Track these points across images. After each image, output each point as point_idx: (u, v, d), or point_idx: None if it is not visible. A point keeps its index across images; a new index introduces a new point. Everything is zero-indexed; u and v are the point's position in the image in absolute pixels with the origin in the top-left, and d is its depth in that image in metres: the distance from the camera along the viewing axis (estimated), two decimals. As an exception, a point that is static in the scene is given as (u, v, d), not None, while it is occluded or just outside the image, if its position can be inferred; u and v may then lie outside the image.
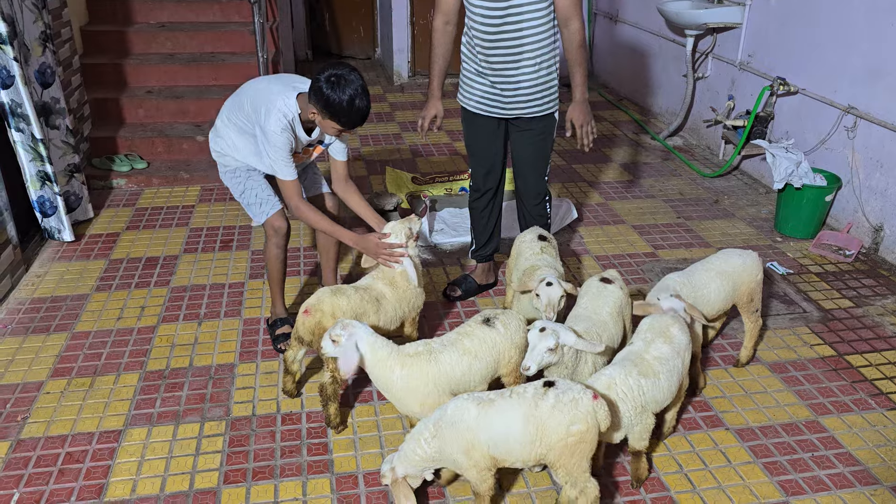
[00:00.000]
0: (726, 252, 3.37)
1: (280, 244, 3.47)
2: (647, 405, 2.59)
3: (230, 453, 2.89)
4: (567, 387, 2.37)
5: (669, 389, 2.67)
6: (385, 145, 6.42)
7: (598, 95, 7.95)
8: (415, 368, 2.64)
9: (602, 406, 2.35)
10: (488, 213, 3.86)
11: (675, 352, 2.69)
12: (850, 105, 4.61)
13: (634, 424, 2.58)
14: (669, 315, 2.79)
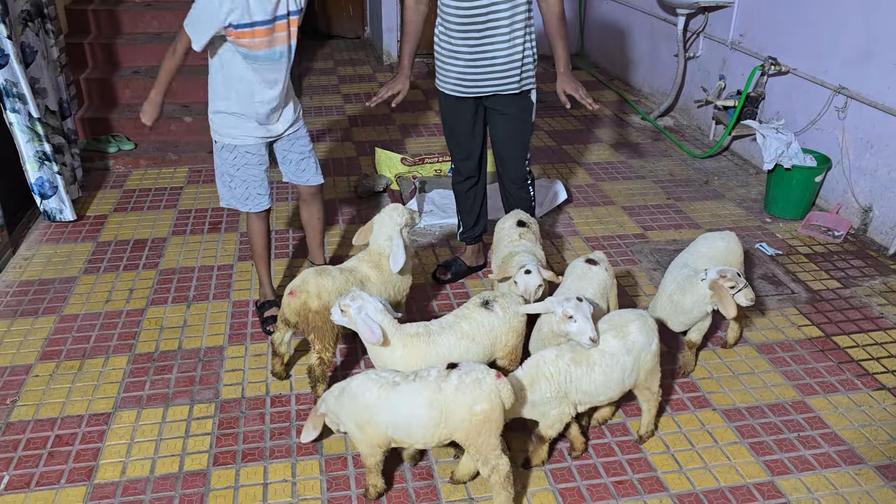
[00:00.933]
0: (708, 237, 3.37)
1: (262, 216, 3.47)
2: (571, 394, 2.55)
3: (219, 435, 2.89)
4: (470, 367, 2.38)
5: (605, 384, 2.59)
6: (374, 126, 6.38)
7: (589, 75, 7.92)
8: (414, 349, 2.64)
9: (505, 385, 2.35)
10: (473, 196, 3.85)
11: (625, 349, 2.60)
12: (841, 85, 4.60)
13: (551, 408, 2.55)
14: (634, 314, 2.72)
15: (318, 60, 8.60)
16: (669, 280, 3.15)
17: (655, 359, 2.71)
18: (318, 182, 3.59)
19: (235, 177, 3.35)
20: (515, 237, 3.36)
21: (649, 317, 2.74)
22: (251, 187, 3.38)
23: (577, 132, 6.26)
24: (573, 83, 3.40)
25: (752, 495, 2.65)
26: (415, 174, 5.06)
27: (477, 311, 2.79)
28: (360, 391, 2.41)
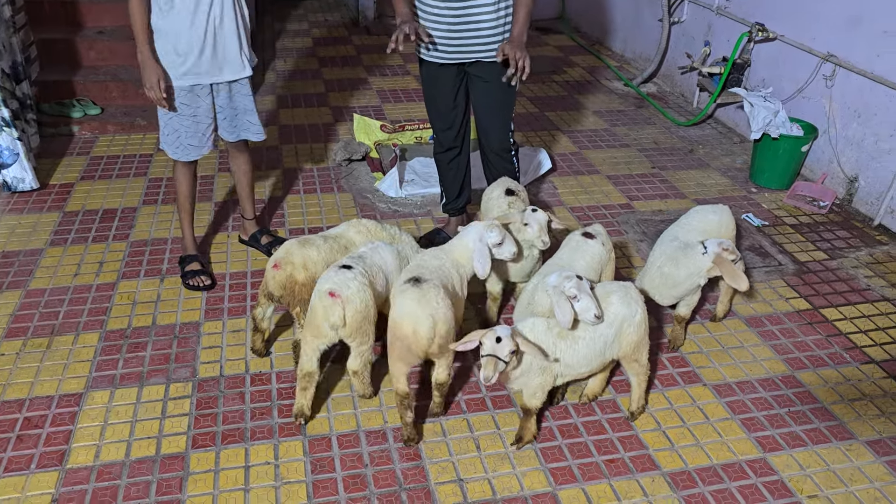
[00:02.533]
0: (700, 210, 3.29)
1: (188, 165, 3.43)
2: (554, 366, 2.51)
3: (198, 416, 2.78)
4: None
5: (588, 357, 2.56)
6: (351, 90, 6.19)
7: (570, 39, 7.76)
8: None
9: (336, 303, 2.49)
10: (455, 166, 3.72)
11: (607, 321, 2.56)
12: (830, 53, 4.52)
13: (534, 376, 2.50)
14: (617, 285, 2.67)
15: (291, 21, 8.32)
16: (659, 253, 3.08)
17: (640, 329, 2.64)
18: (254, 139, 3.53)
19: (168, 123, 3.28)
20: (504, 206, 3.26)
21: (633, 288, 2.68)
22: (182, 137, 3.29)
23: (560, 98, 6.13)
24: (518, 50, 3.10)
25: (744, 472, 2.62)
26: (395, 141, 4.91)
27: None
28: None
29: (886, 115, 4.17)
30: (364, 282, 2.62)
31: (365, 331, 2.64)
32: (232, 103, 3.37)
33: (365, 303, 2.59)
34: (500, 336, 2.32)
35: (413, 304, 2.47)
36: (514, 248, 2.85)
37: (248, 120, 3.45)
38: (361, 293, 2.59)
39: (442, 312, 2.50)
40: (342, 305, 2.52)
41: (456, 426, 2.78)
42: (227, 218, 4.15)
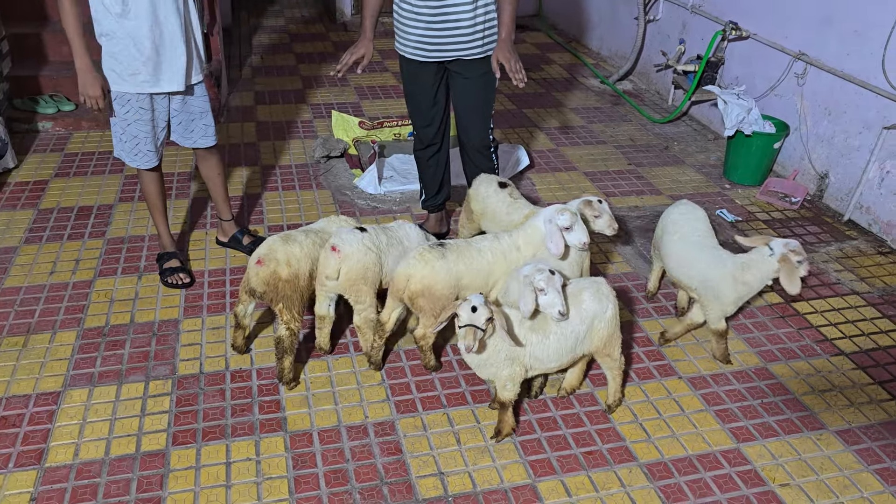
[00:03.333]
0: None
1: (152, 170, 3.39)
2: (523, 357, 2.54)
3: (178, 413, 2.78)
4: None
5: (558, 352, 2.59)
6: (329, 87, 6.18)
7: (547, 37, 7.81)
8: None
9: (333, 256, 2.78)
10: (435, 163, 3.74)
11: (579, 317, 2.58)
12: (801, 51, 4.61)
13: (503, 367, 2.54)
14: (589, 281, 2.70)
15: (267, 17, 8.28)
16: (705, 263, 3.02)
17: (612, 325, 2.67)
18: (206, 145, 3.48)
19: (126, 131, 3.23)
20: (508, 199, 3.28)
21: (604, 284, 2.69)
22: (140, 143, 3.26)
23: (538, 96, 6.17)
24: (509, 53, 3.18)
25: (718, 462, 2.68)
26: (374, 138, 4.92)
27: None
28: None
29: (856, 113, 4.26)
30: (369, 245, 2.85)
31: (359, 290, 2.86)
32: (187, 107, 3.31)
33: (362, 264, 2.81)
34: (475, 305, 2.34)
35: (414, 261, 2.76)
36: (585, 237, 2.84)
37: (203, 124, 3.39)
38: (361, 254, 2.81)
39: (423, 273, 2.73)
40: (338, 260, 2.76)
41: (436, 420, 2.81)
42: (206, 215, 4.13)
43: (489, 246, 2.90)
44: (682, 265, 3.10)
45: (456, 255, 2.81)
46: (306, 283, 2.83)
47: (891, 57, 3.94)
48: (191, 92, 3.28)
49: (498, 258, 2.89)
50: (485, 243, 2.92)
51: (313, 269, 2.88)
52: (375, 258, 2.86)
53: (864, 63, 4.15)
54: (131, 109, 3.16)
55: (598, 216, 3.04)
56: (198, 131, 3.40)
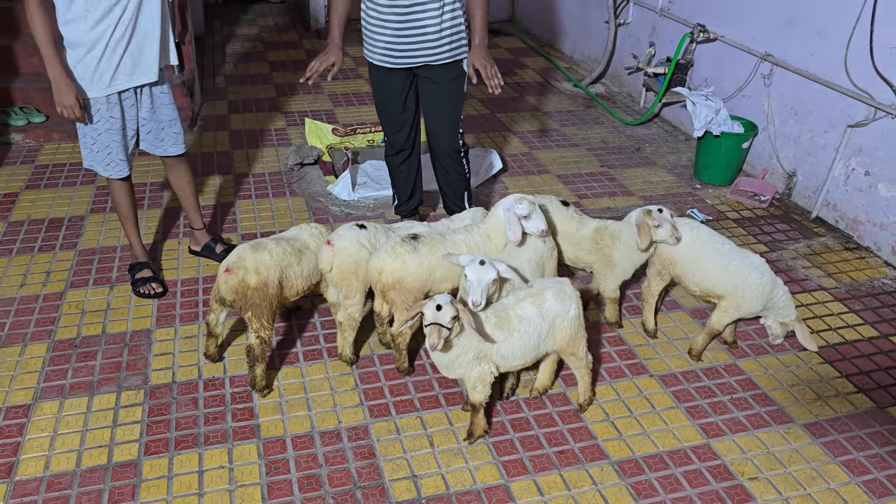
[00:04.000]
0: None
1: (123, 179, 3.38)
2: (490, 355, 2.56)
3: (150, 423, 2.77)
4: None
5: (522, 349, 2.60)
6: (303, 94, 6.18)
7: (521, 42, 7.87)
8: None
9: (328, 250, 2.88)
10: (407, 168, 3.77)
11: (541, 316, 2.60)
12: (767, 52, 4.69)
13: (472, 367, 2.56)
14: (552, 281, 2.72)
15: (241, 26, 8.27)
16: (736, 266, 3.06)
17: (575, 324, 2.68)
18: (177, 153, 3.48)
19: (98, 140, 3.22)
20: (575, 216, 3.32)
21: (568, 284, 2.70)
22: (113, 153, 3.26)
23: (511, 100, 6.22)
24: (484, 59, 3.22)
25: (688, 458, 2.71)
26: (347, 145, 4.93)
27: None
28: None
29: (820, 112, 4.34)
30: (363, 242, 2.92)
31: (350, 284, 2.92)
32: (156, 116, 3.32)
33: (354, 259, 2.89)
34: (440, 304, 2.36)
35: (385, 255, 2.83)
36: (542, 224, 2.91)
37: (173, 132, 3.40)
38: (354, 249, 2.89)
39: (394, 267, 2.81)
40: (332, 254, 2.87)
41: (410, 424, 2.82)
42: (179, 224, 4.12)
43: (463, 239, 2.97)
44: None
45: (428, 248, 2.86)
46: (276, 292, 2.83)
47: (852, 56, 4.02)
48: (159, 96, 3.29)
49: (471, 251, 2.93)
50: (458, 236, 2.98)
51: (283, 278, 2.88)
52: (369, 255, 2.92)
53: (827, 63, 4.23)
54: (101, 119, 3.16)
55: (658, 226, 3.04)
56: (168, 139, 3.41)
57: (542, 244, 3.03)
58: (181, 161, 3.55)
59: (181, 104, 5.33)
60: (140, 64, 3.15)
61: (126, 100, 3.20)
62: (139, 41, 3.11)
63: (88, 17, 2.97)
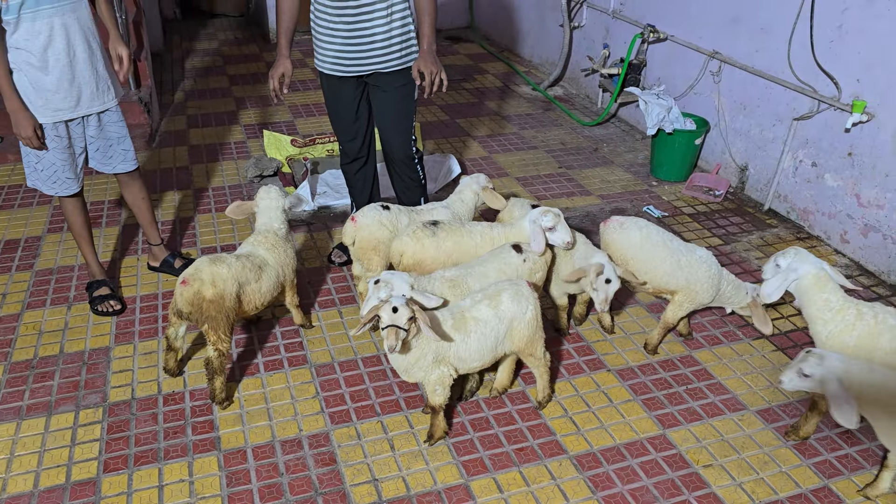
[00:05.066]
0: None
1: (74, 197, 3.37)
2: (448, 357, 2.59)
3: (109, 440, 2.76)
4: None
5: (479, 351, 2.62)
6: (263, 107, 6.19)
7: (480, 48, 7.94)
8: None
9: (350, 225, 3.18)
10: (363, 177, 3.79)
11: (497, 318, 2.62)
12: (715, 50, 4.79)
13: (431, 370, 2.59)
14: (509, 283, 2.73)
15: (200, 41, 8.25)
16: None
17: (532, 326, 2.70)
18: (127, 170, 3.47)
19: (42, 159, 3.22)
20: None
21: (525, 286, 2.73)
22: (59, 171, 3.25)
23: (470, 105, 6.28)
24: (432, 66, 3.21)
25: (645, 449, 2.76)
26: (305, 155, 4.94)
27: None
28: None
29: (768, 107, 4.44)
30: (384, 222, 3.17)
31: (370, 259, 3.20)
32: (103, 133, 3.32)
33: (375, 237, 3.16)
34: (395, 306, 2.37)
35: (407, 238, 3.03)
36: (567, 236, 2.99)
37: (122, 149, 3.39)
38: (374, 227, 3.16)
39: (414, 249, 3.02)
40: (354, 229, 3.17)
41: (371, 429, 2.84)
42: (137, 241, 4.11)
43: (480, 230, 3.12)
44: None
45: (446, 234, 3.06)
46: (233, 305, 2.83)
47: (795, 52, 4.13)
48: (107, 116, 3.28)
49: (486, 242, 3.08)
50: (478, 227, 3.15)
51: (241, 293, 2.89)
52: (389, 235, 3.17)
53: (771, 58, 4.34)
54: (47, 138, 3.15)
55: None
56: (117, 157, 3.40)
57: (522, 263, 2.97)
58: (134, 178, 3.54)
59: (139, 121, 5.33)
60: (83, 96, 3.14)
61: (72, 121, 3.19)
62: (79, 72, 3.10)
63: (31, 47, 2.97)
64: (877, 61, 3.68)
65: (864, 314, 2.56)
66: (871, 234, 3.86)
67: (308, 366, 3.17)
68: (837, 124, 3.95)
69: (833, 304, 2.60)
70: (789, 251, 2.72)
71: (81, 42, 3.06)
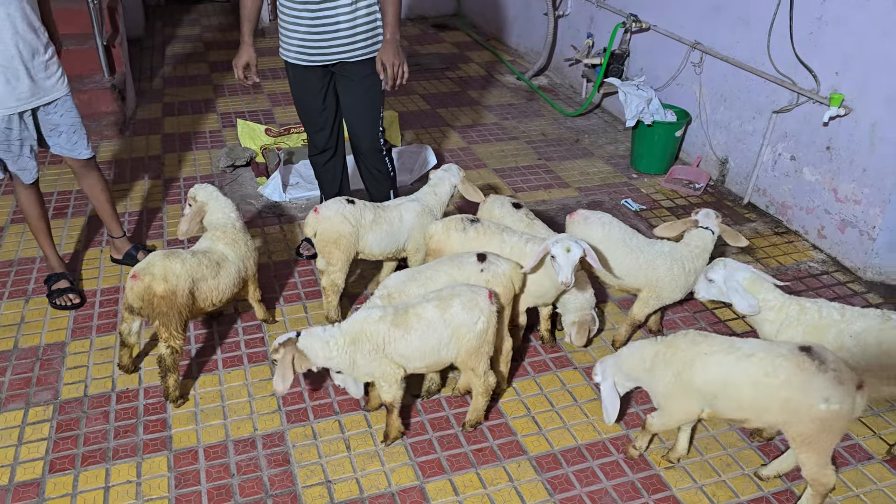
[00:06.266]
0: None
1: (30, 187, 3.28)
2: (391, 354, 2.52)
3: (57, 440, 2.69)
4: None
5: (421, 350, 2.54)
6: (241, 95, 6.09)
7: (467, 36, 7.83)
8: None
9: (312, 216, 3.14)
10: (332, 168, 3.71)
11: (443, 321, 2.52)
12: (696, 41, 4.70)
13: (375, 367, 2.53)
14: (466, 288, 2.62)
15: (182, 26, 8.13)
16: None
17: (481, 339, 2.57)
18: (89, 155, 3.40)
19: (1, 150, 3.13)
20: (525, 220, 3.26)
21: (483, 296, 2.57)
22: (11, 163, 3.17)
23: (453, 95, 6.18)
24: (394, 57, 3.16)
25: (607, 450, 2.70)
26: (279, 145, 4.86)
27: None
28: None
29: (748, 99, 4.36)
30: (347, 216, 3.12)
31: (331, 253, 3.14)
32: (56, 120, 3.22)
33: (336, 230, 3.10)
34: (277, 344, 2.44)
35: (440, 224, 3.11)
36: (565, 277, 2.72)
37: (77, 137, 3.31)
38: (336, 221, 3.10)
39: (440, 238, 3.07)
40: (316, 221, 3.11)
41: (327, 428, 2.77)
42: (103, 232, 4.02)
43: (514, 242, 2.99)
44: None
45: (476, 234, 3.01)
46: (186, 301, 2.76)
47: (775, 43, 4.05)
48: (57, 106, 3.19)
49: (514, 254, 2.95)
50: (514, 238, 3.01)
51: (196, 290, 2.81)
52: (351, 230, 3.13)
53: (751, 50, 4.25)
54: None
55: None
56: (81, 143, 3.33)
57: (479, 273, 2.78)
58: (91, 168, 3.45)
59: (111, 108, 5.24)
60: (30, 87, 3.05)
61: (24, 112, 3.10)
62: (26, 65, 3.01)
63: None
64: (855, 53, 3.60)
65: (808, 309, 2.56)
66: (848, 230, 3.79)
67: (268, 362, 3.10)
68: (816, 118, 3.87)
69: (772, 302, 2.59)
70: (717, 264, 2.70)
71: (25, 33, 2.96)
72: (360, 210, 3.19)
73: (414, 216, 3.30)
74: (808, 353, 2.23)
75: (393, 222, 3.27)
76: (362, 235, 3.19)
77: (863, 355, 2.45)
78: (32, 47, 3.02)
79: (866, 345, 2.45)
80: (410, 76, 3.27)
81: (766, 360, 2.26)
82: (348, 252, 3.16)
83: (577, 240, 2.73)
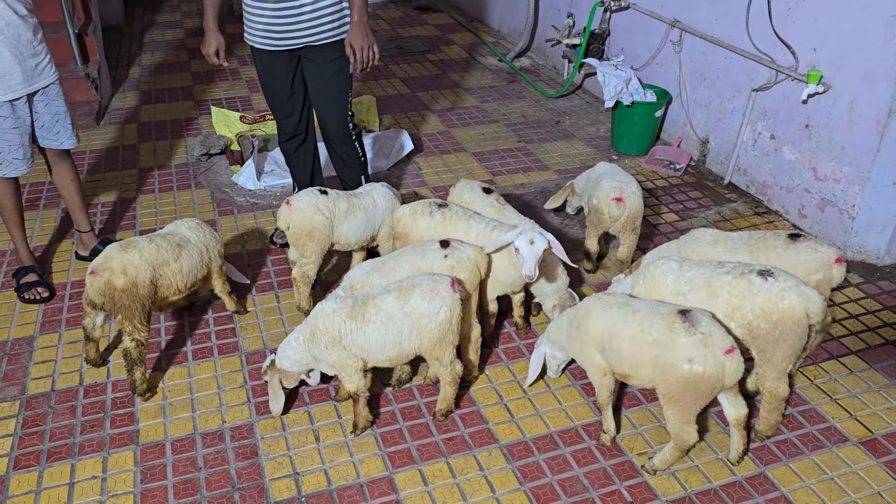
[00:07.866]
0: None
1: (11, 179, 3.26)
2: (349, 347, 2.50)
3: (23, 435, 2.66)
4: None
5: (380, 342, 2.51)
6: (220, 81, 6.01)
7: (449, 17, 7.74)
8: None
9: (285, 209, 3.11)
10: (303, 154, 3.65)
11: (403, 312, 2.49)
12: (676, 19, 4.63)
13: (333, 361, 2.52)
14: (427, 278, 2.57)
15: (163, 13, 8.02)
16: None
17: (443, 328, 2.53)
18: (72, 145, 3.38)
19: None
20: (496, 205, 3.22)
21: (445, 285, 2.54)
22: (4, 152, 3.14)
23: (433, 78, 6.11)
24: (363, 39, 3.12)
25: (579, 437, 2.68)
26: (254, 132, 4.79)
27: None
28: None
29: (727, 77, 4.30)
30: (320, 207, 3.08)
31: (304, 245, 3.11)
32: (48, 108, 3.22)
33: (309, 222, 3.06)
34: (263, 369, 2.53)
35: (407, 208, 3.10)
36: (528, 271, 2.65)
37: (64, 125, 3.30)
38: (309, 213, 3.06)
39: (407, 221, 3.07)
40: (289, 213, 3.08)
41: (296, 419, 2.74)
42: (72, 225, 3.96)
43: (480, 230, 2.95)
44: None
45: (443, 219, 2.99)
46: (148, 292, 2.71)
47: (753, 20, 3.98)
48: (50, 92, 3.19)
49: (480, 241, 2.90)
50: (480, 225, 2.96)
51: (158, 276, 2.77)
52: (325, 221, 3.09)
53: (730, 27, 4.19)
54: None
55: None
56: (64, 133, 3.30)
57: (444, 259, 2.74)
58: (64, 158, 3.41)
59: (86, 97, 5.17)
60: (25, 73, 3.06)
61: (18, 99, 3.08)
62: (21, 51, 3.01)
63: None
64: (832, 30, 3.54)
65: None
66: (828, 209, 3.75)
67: (239, 353, 3.07)
68: (795, 95, 3.81)
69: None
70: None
71: (18, 18, 2.94)
72: (333, 200, 3.14)
73: (387, 200, 3.26)
74: (684, 315, 2.29)
75: (368, 208, 3.23)
76: (337, 226, 3.15)
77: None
78: (19, 32, 3.00)
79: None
80: (390, 60, 3.22)
81: (646, 317, 2.35)
82: (322, 244, 3.12)
83: (541, 231, 2.68)
